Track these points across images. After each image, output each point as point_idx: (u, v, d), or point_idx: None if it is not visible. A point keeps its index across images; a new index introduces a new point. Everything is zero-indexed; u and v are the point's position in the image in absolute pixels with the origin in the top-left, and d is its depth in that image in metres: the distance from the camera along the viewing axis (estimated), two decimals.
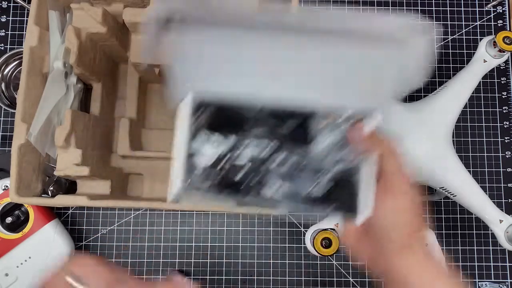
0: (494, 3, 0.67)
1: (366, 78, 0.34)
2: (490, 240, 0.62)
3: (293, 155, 0.35)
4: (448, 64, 0.66)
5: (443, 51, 0.67)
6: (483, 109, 0.66)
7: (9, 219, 0.58)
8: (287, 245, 0.63)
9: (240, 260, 0.62)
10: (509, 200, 0.64)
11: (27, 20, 0.58)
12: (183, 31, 0.33)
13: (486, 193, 0.49)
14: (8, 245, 0.57)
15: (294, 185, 0.35)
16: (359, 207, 0.35)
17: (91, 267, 0.38)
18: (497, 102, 0.66)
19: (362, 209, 0.35)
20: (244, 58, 0.34)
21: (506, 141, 0.65)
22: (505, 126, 0.65)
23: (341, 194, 0.35)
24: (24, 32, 0.67)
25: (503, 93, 0.66)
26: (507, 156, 0.65)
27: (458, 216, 0.63)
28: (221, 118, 0.35)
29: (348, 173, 0.35)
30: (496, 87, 0.66)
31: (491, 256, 0.62)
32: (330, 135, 0.34)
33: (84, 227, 0.63)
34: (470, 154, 0.65)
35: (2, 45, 0.67)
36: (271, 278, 0.62)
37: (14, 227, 0.58)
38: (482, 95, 0.66)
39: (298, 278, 0.62)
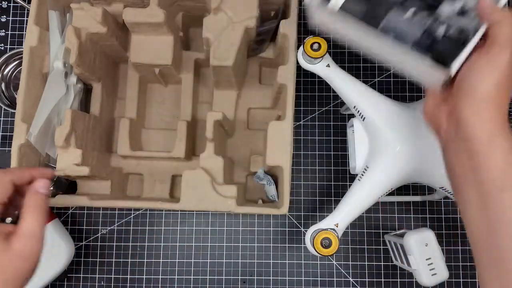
0: None
1: None
2: None
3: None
4: None
5: None
6: None
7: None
8: (287, 245, 0.63)
9: (240, 260, 0.62)
10: None
11: (27, 20, 0.58)
12: None
13: None
14: None
15: (418, 23, 0.39)
16: (455, 62, 0.36)
17: None
18: None
19: (456, 63, 0.36)
20: None
21: None
22: None
23: (447, 47, 0.38)
24: (24, 32, 0.67)
25: None
26: None
27: (458, 216, 0.63)
28: None
29: (462, 33, 0.38)
30: None
31: None
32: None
33: (84, 227, 0.63)
34: None
35: (2, 45, 0.67)
36: (271, 278, 0.62)
37: None
38: None
39: (298, 278, 0.62)
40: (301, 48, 0.50)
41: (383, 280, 0.62)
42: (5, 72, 0.65)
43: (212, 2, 0.52)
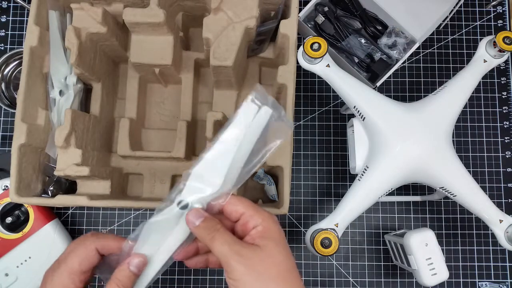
0: (494, 3, 0.67)
1: None
2: (490, 240, 0.62)
3: None
4: (448, 64, 0.66)
5: (443, 51, 0.67)
6: (483, 109, 0.66)
7: (9, 219, 0.58)
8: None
9: None
10: (509, 200, 0.64)
11: (27, 20, 0.58)
12: None
13: (486, 193, 0.49)
14: (8, 245, 0.57)
15: (364, 47, 0.62)
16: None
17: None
18: (497, 102, 0.66)
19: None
20: None
21: (506, 141, 0.65)
22: (505, 126, 0.65)
23: (379, 66, 0.61)
24: (24, 32, 0.67)
25: (503, 93, 0.66)
26: (507, 156, 0.65)
27: (458, 216, 0.63)
28: None
29: (389, 59, 0.61)
30: (496, 87, 0.66)
31: (491, 256, 0.62)
32: None
33: (84, 227, 0.63)
34: (470, 154, 0.65)
35: (2, 45, 0.67)
36: None
37: (14, 227, 0.58)
38: (482, 95, 0.66)
39: None
40: (301, 48, 0.50)
41: (383, 280, 0.62)
42: (5, 72, 0.65)
43: (212, 2, 0.52)
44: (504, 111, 0.65)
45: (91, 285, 0.62)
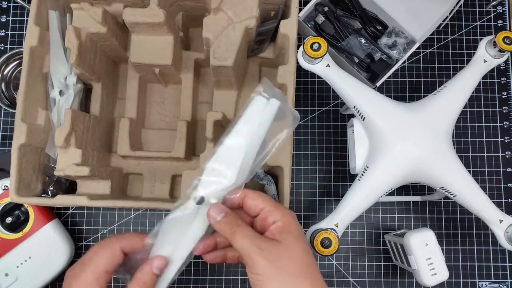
0: (494, 3, 0.67)
1: None
2: (490, 240, 0.62)
3: None
4: (448, 64, 0.67)
5: (443, 51, 0.67)
6: (483, 109, 0.66)
7: (9, 219, 0.58)
8: None
9: None
10: (509, 200, 0.64)
11: (27, 20, 0.58)
12: None
13: (486, 193, 0.49)
14: (8, 245, 0.57)
15: (364, 47, 0.63)
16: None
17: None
18: (497, 102, 0.66)
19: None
20: None
21: (506, 141, 0.65)
22: (505, 126, 0.65)
23: (379, 66, 0.62)
24: (24, 32, 0.67)
25: (503, 93, 0.66)
26: (507, 156, 0.65)
27: (458, 216, 0.63)
28: None
29: (389, 59, 0.62)
30: (496, 87, 0.66)
31: (491, 256, 0.62)
32: None
33: (84, 227, 0.63)
34: (470, 154, 0.65)
35: (2, 45, 0.67)
36: None
37: (14, 227, 0.58)
38: (482, 95, 0.66)
39: None
40: (301, 48, 0.50)
41: (383, 280, 0.62)
42: (5, 72, 0.65)
43: (212, 2, 0.52)
44: (504, 111, 0.65)
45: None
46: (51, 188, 0.57)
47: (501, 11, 0.68)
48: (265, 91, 0.39)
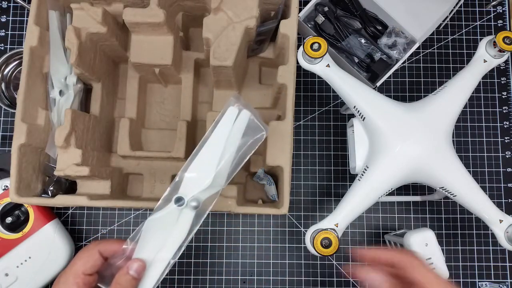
0: (494, 3, 0.67)
1: None
2: (490, 240, 0.62)
3: None
4: (448, 64, 0.67)
5: (443, 51, 0.67)
6: (483, 109, 0.66)
7: (9, 219, 0.58)
8: (287, 245, 0.63)
9: (240, 260, 0.62)
10: (509, 200, 0.64)
11: (27, 20, 0.58)
12: None
13: (486, 193, 0.49)
14: (8, 245, 0.57)
15: (364, 47, 0.63)
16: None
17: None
18: (497, 102, 0.66)
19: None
20: None
21: (506, 141, 0.65)
22: (505, 126, 0.65)
23: (379, 66, 0.62)
24: (24, 32, 0.67)
25: (503, 93, 0.66)
26: (507, 156, 0.65)
27: (458, 216, 0.63)
28: None
29: (389, 59, 0.62)
30: (496, 87, 0.66)
31: (491, 256, 0.62)
32: None
33: (84, 227, 0.63)
34: (470, 154, 0.65)
35: (2, 45, 0.67)
36: (271, 278, 0.62)
37: (14, 227, 0.58)
38: (482, 95, 0.66)
39: (298, 278, 0.62)
40: (301, 48, 0.50)
41: None
42: (5, 72, 0.65)
43: (212, 2, 0.52)
44: (504, 111, 0.65)
45: None
46: (51, 188, 0.57)
47: (501, 11, 0.68)
48: (237, 102, 0.42)
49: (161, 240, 0.40)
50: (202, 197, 0.41)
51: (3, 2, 0.68)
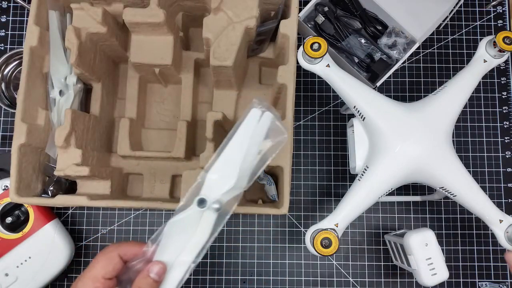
0: (494, 3, 0.67)
1: None
2: (490, 240, 0.62)
3: None
4: (448, 64, 0.67)
5: (443, 51, 0.67)
6: (483, 109, 0.66)
7: (9, 219, 0.58)
8: (287, 245, 0.63)
9: (240, 260, 0.62)
10: (509, 200, 0.64)
11: (27, 20, 0.58)
12: None
13: (486, 193, 0.49)
14: (8, 245, 0.57)
15: (364, 47, 0.63)
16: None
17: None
18: (497, 102, 0.66)
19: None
20: None
21: (506, 141, 0.65)
22: (505, 126, 0.65)
23: (379, 66, 0.62)
24: (24, 32, 0.67)
25: (503, 93, 0.66)
26: (507, 156, 0.65)
27: (458, 216, 0.63)
28: None
29: (389, 59, 0.63)
30: (496, 87, 0.66)
31: (491, 256, 0.62)
32: None
33: (84, 227, 0.63)
34: (470, 154, 0.65)
35: (2, 45, 0.67)
36: (271, 278, 0.62)
37: (14, 227, 0.58)
38: (482, 95, 0.66)
39: (298, 278, 0.62)
40: (301, 48, 0.50)
41: (383, 280, 0.62)
42: (5, 72, 0.65)
43: (212, 2, 0.52)
44: (504, 111, 0.65)
45: None
46: (51, 188, 0.57)
47: (501, 11, 0.68)
48: (260, 104, 0.42)
49: (182, 242, 0.39)
50: (224, 199, 0.40)
51: (3, 2, 0.68)
